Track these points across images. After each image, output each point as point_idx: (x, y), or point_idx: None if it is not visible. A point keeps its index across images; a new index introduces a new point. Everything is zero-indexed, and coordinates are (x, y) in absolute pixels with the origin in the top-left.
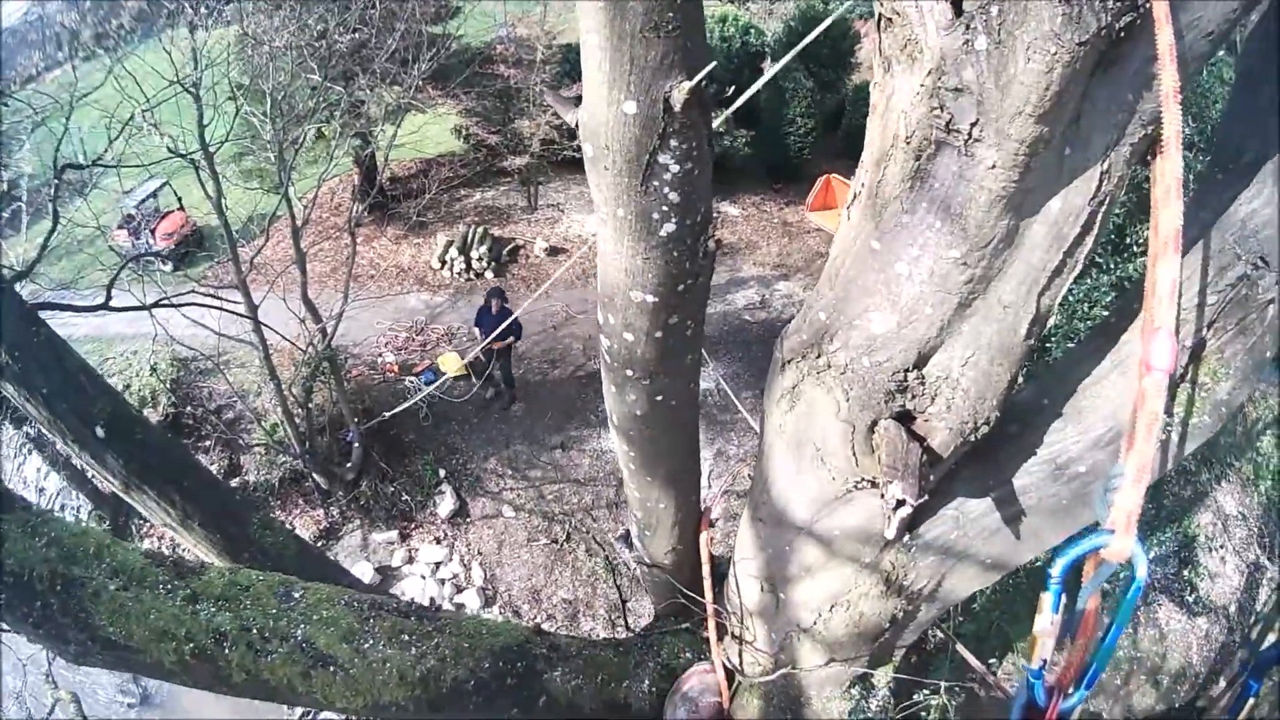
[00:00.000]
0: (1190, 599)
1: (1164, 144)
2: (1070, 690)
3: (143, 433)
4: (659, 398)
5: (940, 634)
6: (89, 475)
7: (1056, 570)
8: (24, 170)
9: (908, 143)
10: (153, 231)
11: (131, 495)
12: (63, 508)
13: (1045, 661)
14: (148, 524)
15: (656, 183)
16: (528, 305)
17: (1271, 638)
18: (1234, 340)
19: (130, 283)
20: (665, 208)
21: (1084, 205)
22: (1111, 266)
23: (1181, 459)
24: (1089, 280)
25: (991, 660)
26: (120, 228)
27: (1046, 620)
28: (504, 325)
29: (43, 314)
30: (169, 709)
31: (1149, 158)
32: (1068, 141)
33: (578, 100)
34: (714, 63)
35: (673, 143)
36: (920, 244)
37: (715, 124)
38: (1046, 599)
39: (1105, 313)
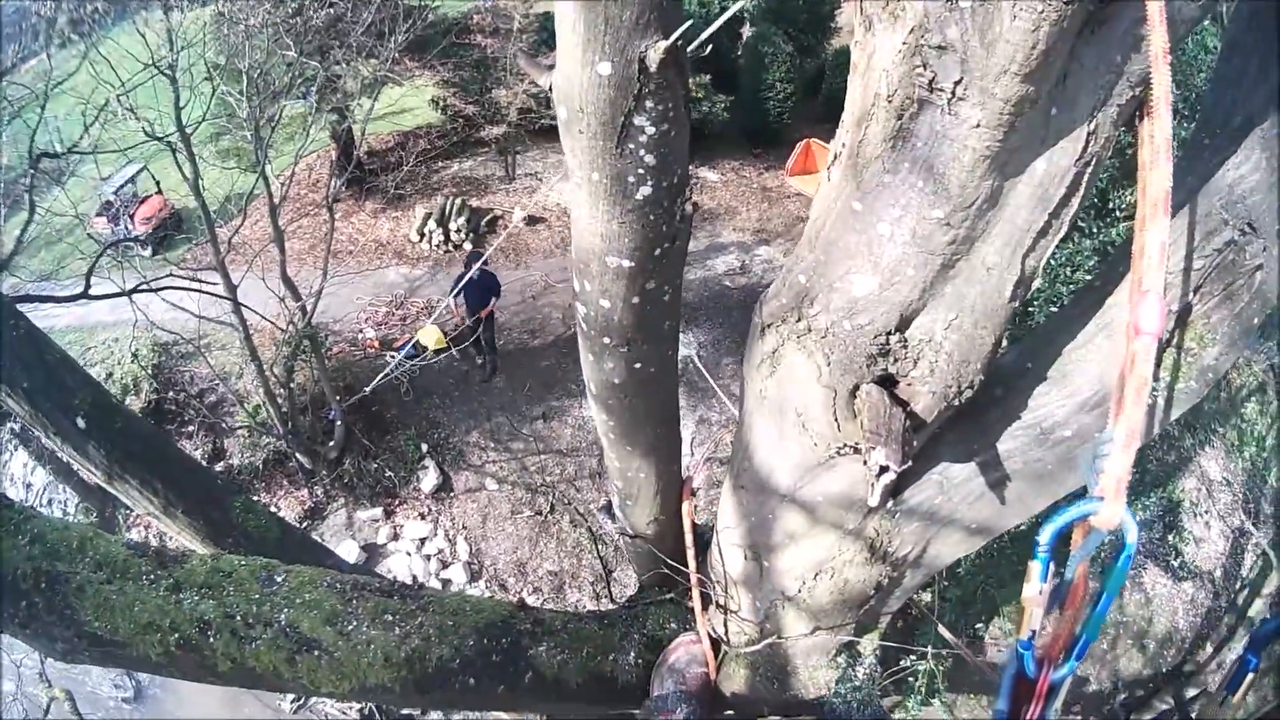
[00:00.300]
0: (1175, 563)
1: (1153, 105)
2: (1060, 661)
3: (123, 422)
4: (637, 365)
5: (926, 600)
6: (75, 468)
7: (1044, 538)
8: None
9: (890, 101)
10: (131, 217)
11: (115, 485)
12: (50, 502)
13: (1034, 631)
14: (134, 514)
15: (632, 145)
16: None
17: (1258, 604)
18: (1220, 305)
19: (110, 270)
20: (641, 170)
21: (1070, 166)
22: (1094, 231)
23: (1167, 424)
24: (1071, 244)
25: (978, 625)
26: (99, 215)
27: (1034, 589)
28: (458, 280)
29: (23, 307)
30: (162, 700)
31: (1136, 121)
32: (1054, 102)
33: (553, 67)
34: (690, 21)
35: (648, 104)
36: (902, 204)
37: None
38: (1034, 568)
39: (1088, 277)
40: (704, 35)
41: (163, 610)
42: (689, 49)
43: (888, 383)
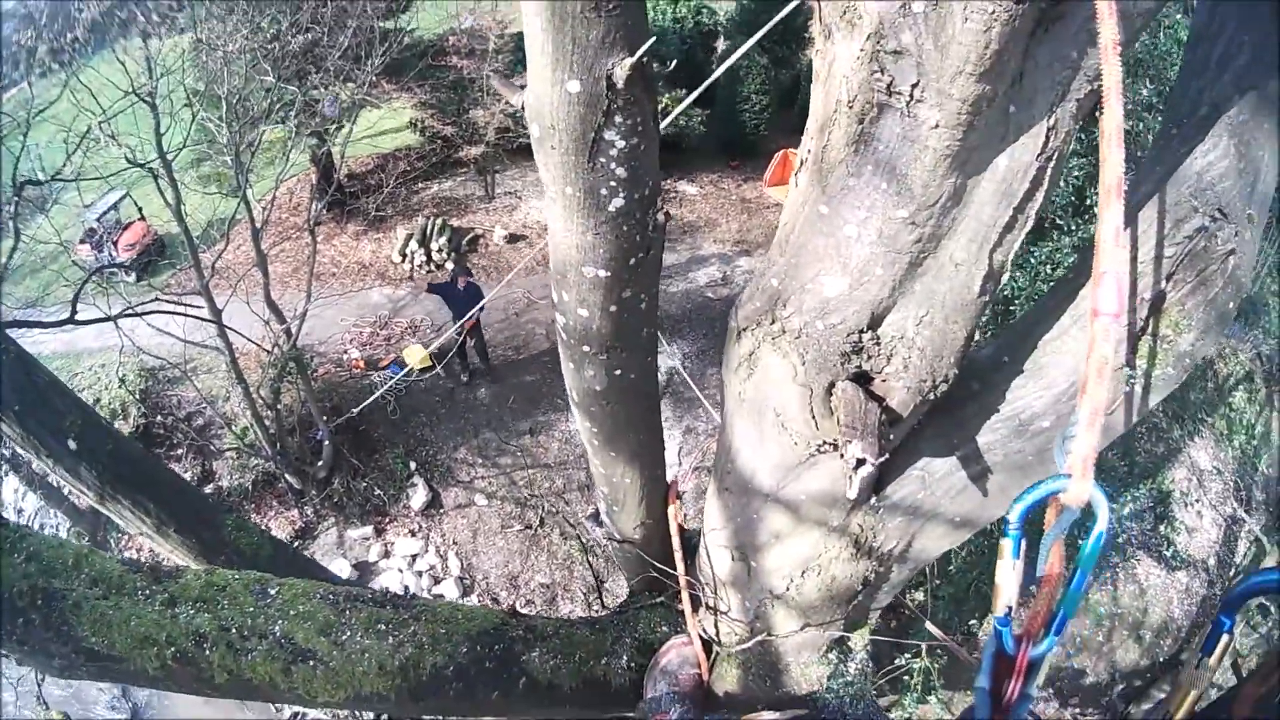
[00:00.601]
0: (1168, 554)
1: (1104, 96)
2: (1040, 637)
3: (114, 443)
4: (617, 372)
5: (919, 599)
6: (66, 492)
7: (1014, 515)
8: None
9: (851, 107)
10: (115, 243)
11: (107, 506)
12: (42, 527)
13: (1010, 608)
14: (126, 537)
15: (603, 159)
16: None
17: None
18: (1194, 292)
19: (95, 296)
20: (613, 183)
21: (1031, 161)
22: (1073, 228)
23: (1147, 410)
24: (1050, 242)
25: (971, 622)
26: (83, 242)
27: (1008, 566)
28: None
29: (10, 333)
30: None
31: (1098, 114)
32: (1011, 100)
33: (525, 87)
34: (654, 37)
35: (617, 119)
36: (868, 206)
37: (679, 108)
38: (1006, 545)
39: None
40: (694, 95)
41: (159, 624)
42: (687, 104)
43: (863, 379)
